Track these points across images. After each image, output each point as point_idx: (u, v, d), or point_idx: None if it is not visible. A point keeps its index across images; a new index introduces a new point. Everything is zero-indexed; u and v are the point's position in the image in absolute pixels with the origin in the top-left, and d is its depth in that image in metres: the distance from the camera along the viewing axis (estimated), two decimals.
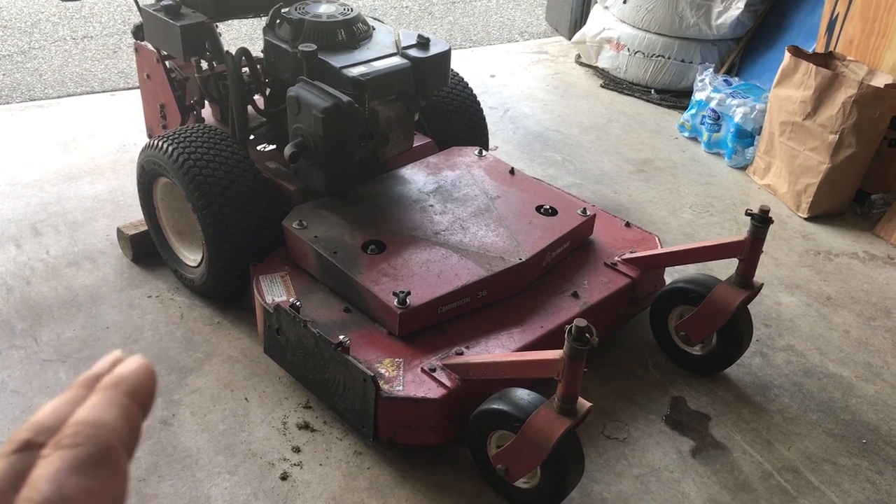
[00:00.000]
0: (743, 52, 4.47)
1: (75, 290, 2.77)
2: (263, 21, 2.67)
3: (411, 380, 2.05)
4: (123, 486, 0.37)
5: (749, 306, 2.42)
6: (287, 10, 2.58)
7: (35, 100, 4.23)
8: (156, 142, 2.55)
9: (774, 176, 3.63)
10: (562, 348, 1.78)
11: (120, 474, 0.37)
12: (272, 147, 2.89)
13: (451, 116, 3.09)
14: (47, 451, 0.36)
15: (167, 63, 2.88)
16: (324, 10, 2.60)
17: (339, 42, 2.54)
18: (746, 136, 3.82)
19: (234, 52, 2.61)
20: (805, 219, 3.47)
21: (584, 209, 2.63)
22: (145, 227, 2.85)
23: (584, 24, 4.93)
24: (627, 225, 2.77)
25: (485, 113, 3.25)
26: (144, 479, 2.08)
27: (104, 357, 0.42)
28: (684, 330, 2.47)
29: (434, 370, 2.07)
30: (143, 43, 2.92)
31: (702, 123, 4.00)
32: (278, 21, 2.59)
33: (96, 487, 0.35)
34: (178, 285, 2.80)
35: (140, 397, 0.39)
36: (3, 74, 4.49)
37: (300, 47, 2.44)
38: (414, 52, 2.54)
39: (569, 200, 2.71)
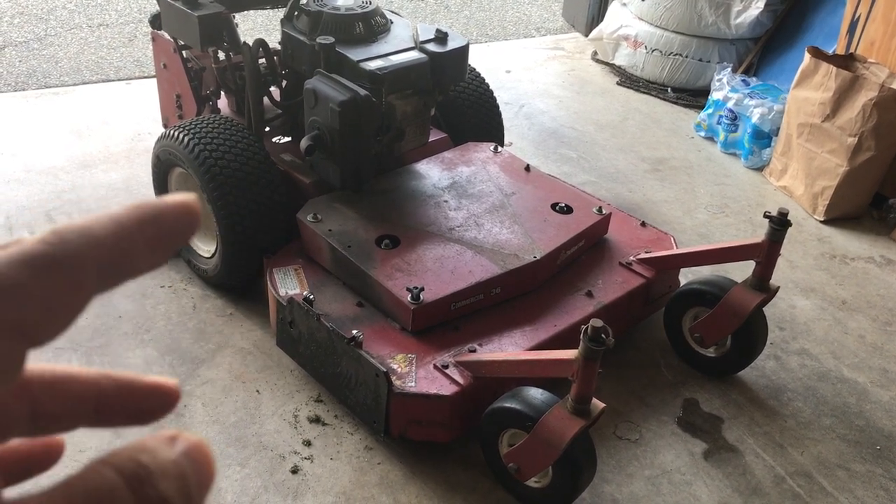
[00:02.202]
0: (761, 53, 4.43)
1: None
2: (280, 12, 2.66)
3: (423, 376, 2.05)
4: (68, 304, 0.31)
5: (764, 309, 2.40)
6: (305, 1, 2.57)
7: (50, 87, 4.23)
8: (171, 132, 2.55)
9: (791, 178, 3.59)
10: (576, 348, 1.78)
11: (68, 289, 0.30)
12: (288, 139, 2.89)
13: (467, 112, 3.08)
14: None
15: (184, 53, 2.88)
16: (342, 2, 2.59)
17: (357, 35, 2.52)
18: (763, 137, 3.78)
19: (251, 43, 2.60)
20: (821, 222, 3.43)
21: (600, 208, 2.61)
22: None
23: (602, 20, 4.90)
24: (643, 224, 2.75)
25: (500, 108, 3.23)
26: None
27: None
28: (698, 331, 2.45)
29: (447, 367, 2.07)
30: (160, 32, 2.92)
31: (718, 123, 3.97)
32: (296, 13, 2.58)
33: (29, 287, 0.29)
34: (191, 276, 2.80)
35: (154, 228, 0.32)
36: (19, 61, 4.50)
37: (318, 40, 2.43)
38: (432, 47, 2.53)
39: (584, 199, 2.69)
